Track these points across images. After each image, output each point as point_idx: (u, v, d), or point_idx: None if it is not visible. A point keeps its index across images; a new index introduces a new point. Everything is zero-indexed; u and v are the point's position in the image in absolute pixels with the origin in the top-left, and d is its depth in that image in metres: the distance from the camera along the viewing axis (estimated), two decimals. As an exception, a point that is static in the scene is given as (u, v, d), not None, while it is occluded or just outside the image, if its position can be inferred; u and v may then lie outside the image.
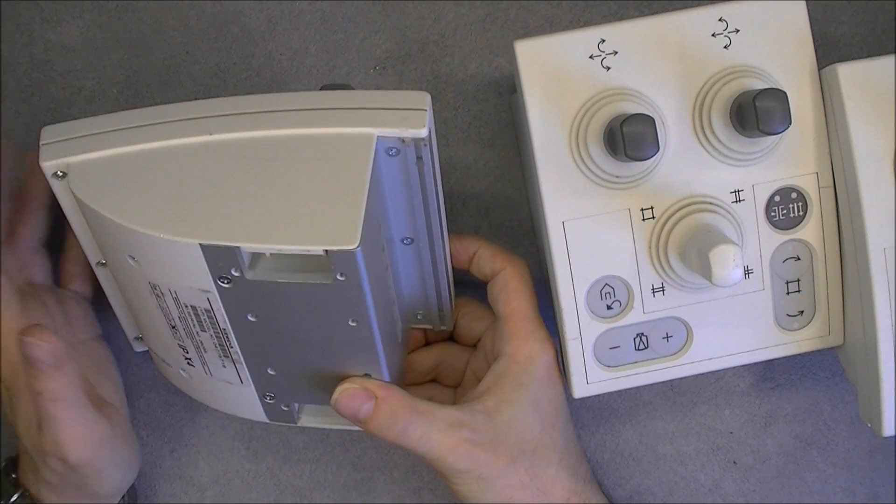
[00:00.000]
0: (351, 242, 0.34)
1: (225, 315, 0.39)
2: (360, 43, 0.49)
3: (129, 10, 0.49)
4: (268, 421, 0.46)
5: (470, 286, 0.47)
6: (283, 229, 0.35)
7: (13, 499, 0.44)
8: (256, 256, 0.37)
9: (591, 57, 0.41)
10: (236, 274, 0.36)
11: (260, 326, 0.39)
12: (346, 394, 0.41)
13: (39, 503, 0.44)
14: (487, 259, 0.45)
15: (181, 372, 0.45)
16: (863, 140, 0.41)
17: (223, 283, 0.37)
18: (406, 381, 0.49)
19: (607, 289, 0.44)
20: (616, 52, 0.42)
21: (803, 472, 0.53)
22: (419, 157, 0.38)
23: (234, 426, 0.53)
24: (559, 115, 0.42)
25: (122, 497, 0.49)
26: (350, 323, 0.38)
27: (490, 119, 0.50)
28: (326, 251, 0.34)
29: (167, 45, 0.49)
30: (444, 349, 0.49)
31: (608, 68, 0.42)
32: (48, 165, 0.39)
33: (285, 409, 0.45)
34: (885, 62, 0.41)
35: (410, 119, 0.37)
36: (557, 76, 0.41)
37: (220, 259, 0.36)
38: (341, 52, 0.49)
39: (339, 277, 0.35)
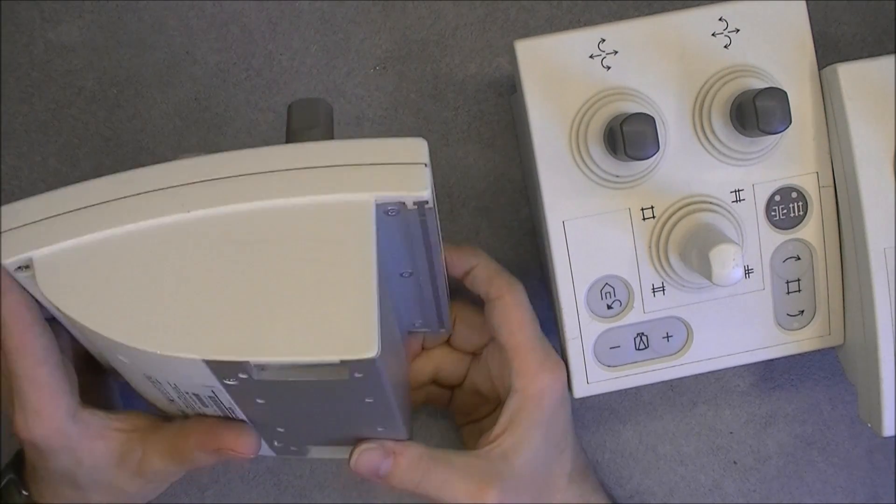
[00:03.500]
0: (369, 350, 0.31)
1: (231, 400, 0.36)
2: (360, 43, 0.49)
3: (129, 10, 0.49)
4: (274, 455, 0.45)
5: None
6: (294, 339, 0.32)
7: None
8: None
9: (591, 56, 0.42)
10: (244, 377, 0.33)
11: (269, 407, 0.37)
12: (364, 455, 0.41)
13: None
14: (483, 281, 0.44)
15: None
16: (863, 140, 0.41)
17: (230, 381, 0.34)
18: None
19: (607, 288, 0.44)
20: (616, 52, 0.42)
21: (803, 472, 0.53)
22: (422, 218, 0.35)
23: (234, 426, 0.53)
24: (559, 114, 0.42)
25: None
26: (367, 400, 0.36)
27: (490, 119, 0.50)
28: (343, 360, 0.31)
29: (167, 45, 0.49)
30: (441, 356, 0.49)
31: (608, 68, 0.42)
32: (9, 263, 0.34)
33: (294, 448, 0.44)
34: (885, 62, 0.41)
35: (409, 178, 0.33)
36: (557, 76, 0.41)
37: (225, 369, 0.33)
38: (341, 52, 0.49)
39: (356, 376, 0.33)
